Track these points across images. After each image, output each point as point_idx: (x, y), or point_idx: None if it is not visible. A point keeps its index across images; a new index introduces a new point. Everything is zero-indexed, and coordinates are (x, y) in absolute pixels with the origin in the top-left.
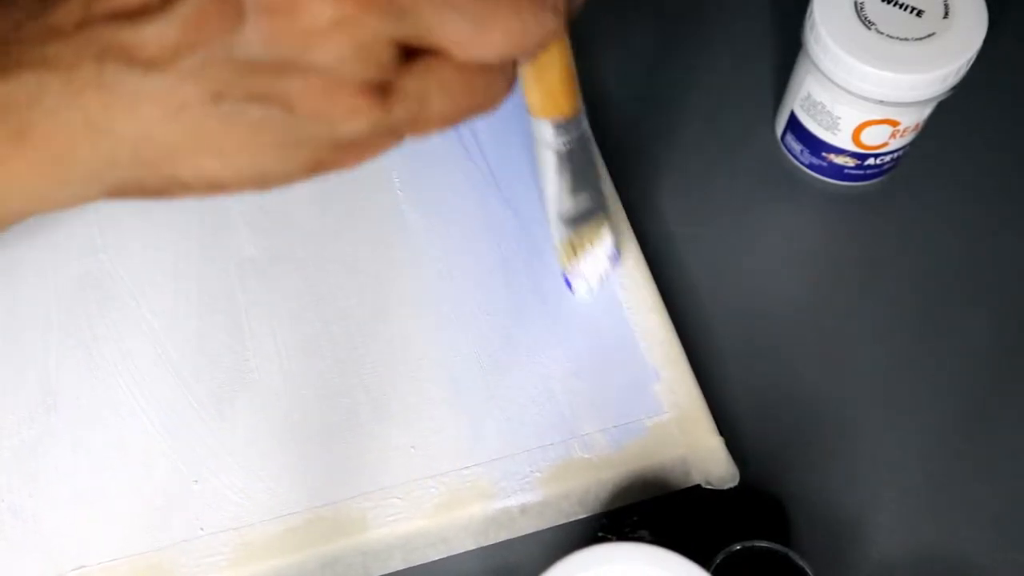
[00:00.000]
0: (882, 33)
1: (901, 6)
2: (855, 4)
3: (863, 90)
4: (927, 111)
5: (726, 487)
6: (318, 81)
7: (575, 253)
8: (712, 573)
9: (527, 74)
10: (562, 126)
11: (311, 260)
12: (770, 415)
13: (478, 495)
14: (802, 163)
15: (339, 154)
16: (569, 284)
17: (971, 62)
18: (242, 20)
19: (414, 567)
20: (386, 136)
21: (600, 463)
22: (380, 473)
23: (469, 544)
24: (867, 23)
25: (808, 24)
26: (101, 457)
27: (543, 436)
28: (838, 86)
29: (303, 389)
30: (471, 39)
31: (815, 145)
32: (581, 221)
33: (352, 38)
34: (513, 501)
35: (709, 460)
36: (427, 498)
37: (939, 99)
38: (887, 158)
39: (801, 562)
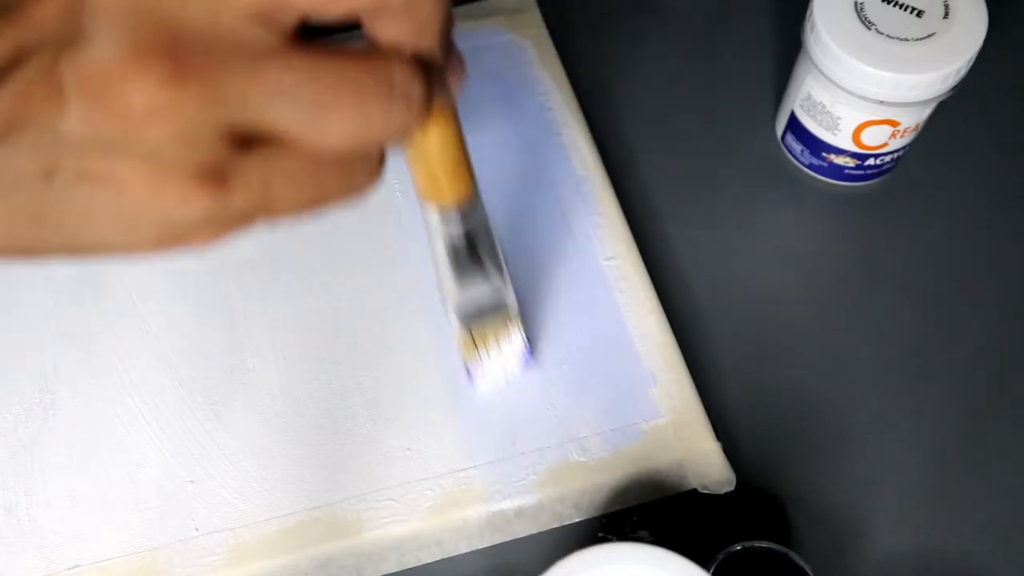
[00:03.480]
0: (882, 33)
1: (901, 6)
2: (855, 4)
3: (863, 90)
4: (927, 111)
5: (722, 492)
6: (145, 166)
7: (476, 347)
8: (712, 573)
9: (409, 153)
10: (449, 214)
11: (308, 261)
12: (770, 415)
13: (473, 498)
14: (802, 163)
15: (184, 235)
16: (471, 378)
17: (971, 62)
18: (63, 102)
19: (415, 567)
20: (232, 221)
21: (596, 467)
22: (375, 475)
23: (463, 547)
24: (867, 23)
25: (808, 24)
26: (96, 456)
27: (539, 439)
28: (838, 86)
29: (299, 390)
30: (308, 129)
31: (815, 145)
32: (481, 315)
33: (173, 125)
34: (508, 504)
35: (705, 465)
36: (422, 500)
37: (939, 99)
38: (887, 158)
39: (801, 562)
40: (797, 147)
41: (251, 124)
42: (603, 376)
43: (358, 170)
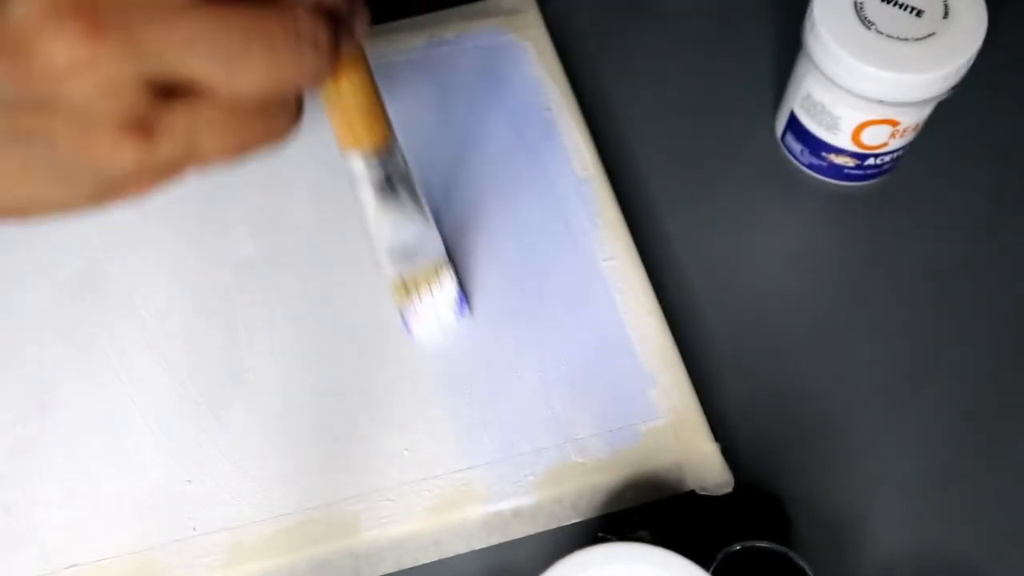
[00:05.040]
0: (882, 33)
1: (901, 6)
2: (855, 4)
3: (863, 90)
4: (927, 111)
5: (720, 494)
6: (74, 120)
7: (408, 293)
8: (712, 573)
9: (325, 104)
10: (370, 159)
11: (308, 261)
12: (770, 415)
13: (471, 498)
14: (802, 163)
15: (118, 186)
16: (407, 325)
17: (971, 62)
18: None
19: (413, 568)
20: (162, 170)
21: (594, 468)
22: (373, 475)
23: (461, 548)
24: (867, 23)
25: (808, 24)
26: (95, 456)
27: (537, 440)
28: (838, 86)
29: (298, 390)
30: (223, 77)
31: (815, 145)
32: (410, 260)
33: (95, 78)
34: (506, 505)
35: (704, 466)
36: (420, 501)
37: (939, 99)
38: (887, 158)
39: (801, 562)
40: (797, 147)
41: (170, 75)
42: (602, 377)
43: (277, 116)
